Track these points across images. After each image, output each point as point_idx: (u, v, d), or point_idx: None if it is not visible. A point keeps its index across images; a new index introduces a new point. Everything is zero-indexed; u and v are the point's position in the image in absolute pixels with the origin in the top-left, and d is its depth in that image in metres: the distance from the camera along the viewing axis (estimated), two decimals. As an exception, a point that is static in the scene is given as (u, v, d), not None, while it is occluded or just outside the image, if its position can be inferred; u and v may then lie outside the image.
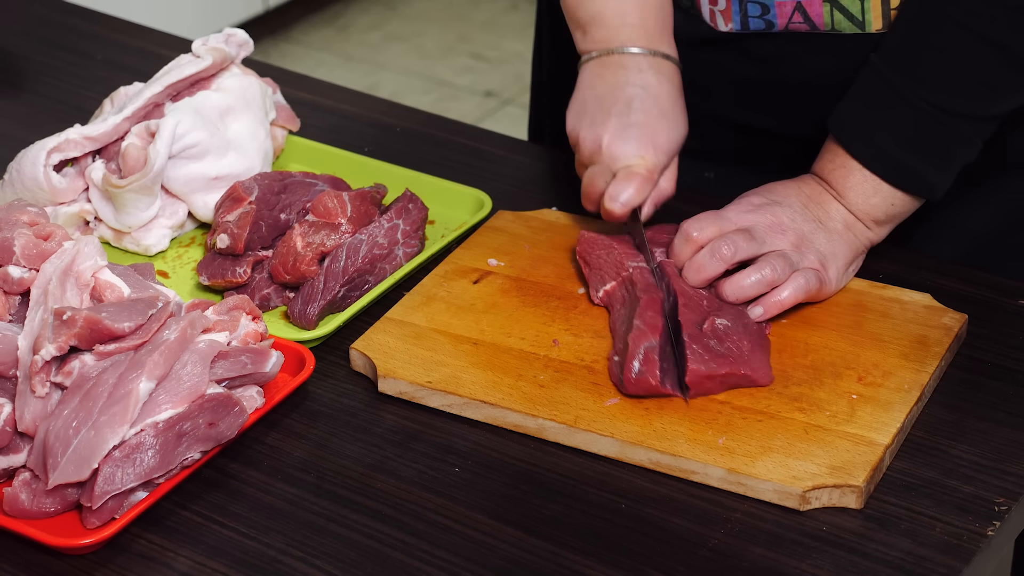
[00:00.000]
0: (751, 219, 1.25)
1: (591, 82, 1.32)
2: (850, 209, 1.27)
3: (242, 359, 1.16)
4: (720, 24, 1.32)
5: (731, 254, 1.23)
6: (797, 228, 1.25)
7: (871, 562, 1.06)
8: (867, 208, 1.27)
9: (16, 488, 1.10)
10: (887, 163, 1.25)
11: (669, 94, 1.31)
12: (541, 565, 1.07)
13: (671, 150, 1.30)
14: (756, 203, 1.27)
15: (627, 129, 1.28)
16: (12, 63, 1.75)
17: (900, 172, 1.25)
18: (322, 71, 3.84)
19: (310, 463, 1.16)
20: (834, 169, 1.27)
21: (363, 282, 1.32)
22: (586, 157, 1.31)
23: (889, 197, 1.26)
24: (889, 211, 1.27)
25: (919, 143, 1.25)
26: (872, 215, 1.27)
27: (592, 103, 1.30)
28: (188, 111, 1.39)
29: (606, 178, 1.29)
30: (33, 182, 1.37)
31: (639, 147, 1.28)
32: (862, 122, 1.26)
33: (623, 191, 1.27)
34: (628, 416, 1.17)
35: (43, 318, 1.13)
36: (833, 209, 1.27)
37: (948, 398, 1.20)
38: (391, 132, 1.58)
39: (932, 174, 1.26)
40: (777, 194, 1.28)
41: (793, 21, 1.30)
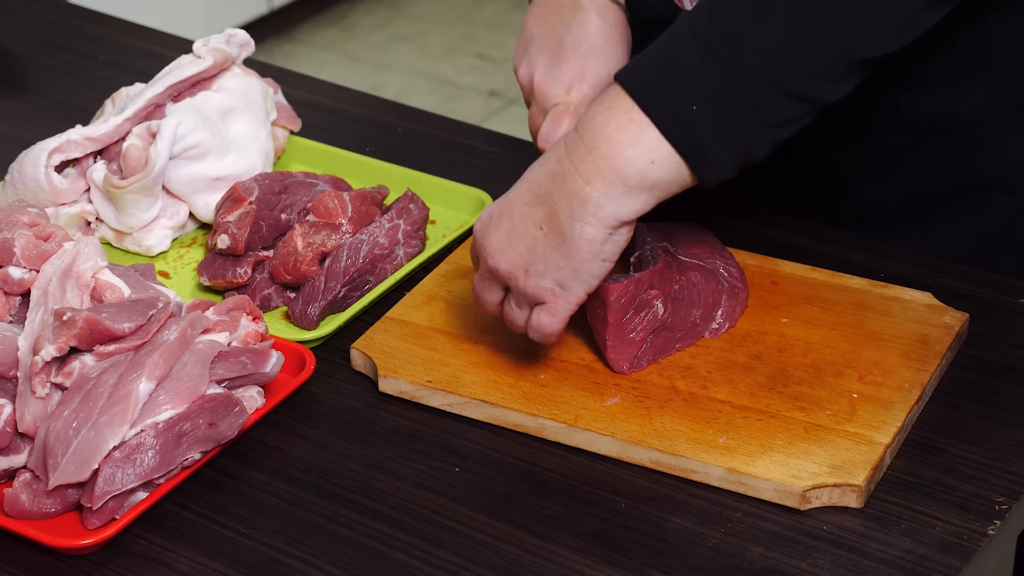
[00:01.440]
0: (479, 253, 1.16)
1: (532, 23, 1.33)
2: (587, 174, 1.09)
3: (242, 359, 1.16)
4: (686, 4, 1.32)
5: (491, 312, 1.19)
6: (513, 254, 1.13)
7: (871, 561, 1.06)
8: (618, 163, 1.08)
9: (16, 489, 1.10)
10: (662, 105, 1.08)
11: (600, 30, 1.29)
12: (541, 565, 1.07)
13: (600, 85, 1.26)
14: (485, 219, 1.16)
15: (556, 67, 1.28)
16: (13, 64, 1.76)
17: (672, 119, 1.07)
18: (326, 71, 3.84)
19: (311, 463, 1.16)
20: (597, 113, 1.10)
21: (364, 282, 1.32)
22: (525, 94, 1.33)
23: (649, 151, 1.08)
24: (646, 171, 1.08)
25: (707, 98, 1.07)
26: (622, 172, 1.08)
27: (531, 43, 1.31)
28: (189, 112, 1.39)
29: (541, 118, 1.30)
30: (34, 183, 1.38)
31: (567, 84, 1.27)
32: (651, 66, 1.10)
33: (554, 131, 1.25)
34: (628, 415, 1.17)
35: (43, 319, 1.13)
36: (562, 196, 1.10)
37: (949, 397, 1.20)
38: (392, 132, 1.58)
39: (710, 140, 1.07)
40: (511, 195, 1.15)
41: None
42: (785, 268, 1.32)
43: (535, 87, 1.29)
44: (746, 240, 1.35)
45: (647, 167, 1.08)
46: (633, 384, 1.20)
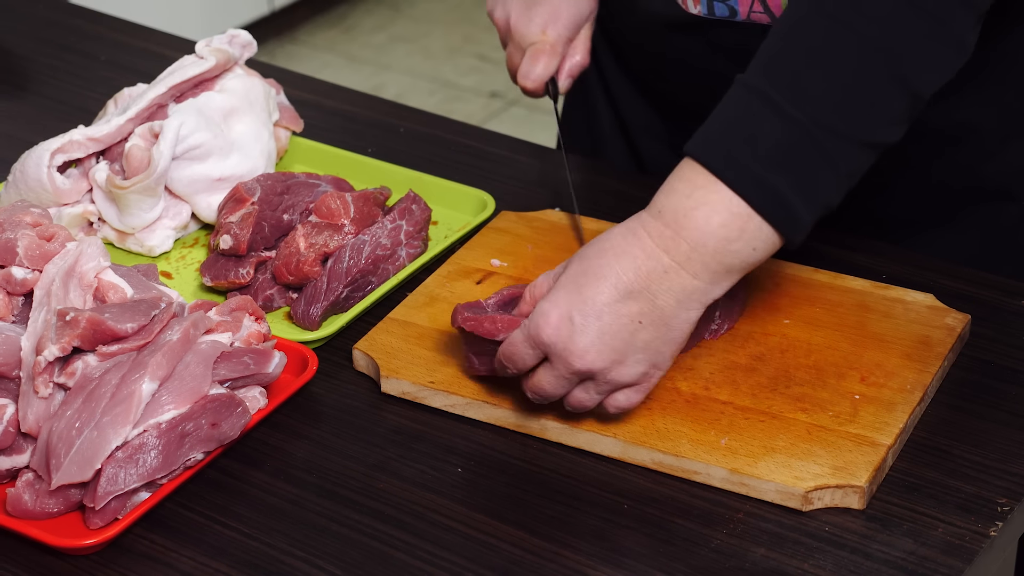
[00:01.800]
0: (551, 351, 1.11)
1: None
2: (695, 273, 1.09)
3: (245, 360, 1.16)
4: (690, 6, 1.33)
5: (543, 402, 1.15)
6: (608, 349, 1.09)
7: (873, 562, 1.06)
8: (723, 256, 1.09)
9: (19, 489, 1.10)
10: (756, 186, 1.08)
11: None
12: (543, 565, 1.07)
13: (575, 24, 1.38)
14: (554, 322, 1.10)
15: (531, 8, 1.36)
16: (16, 64, 1.76)
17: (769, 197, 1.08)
18: (327, 72, 3.84)
19: (313, 463, 1.16)
20: (693, 208, 1.08)
21: (366, 283, 1.32)
22: (502, 36, 1.40)
23: (753, 238, 1.09)
24: (747, 257, 1.09)
25: (789, 162, 1.08)
26: (728, 265, 1.09)
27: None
28: (192, 112, 1.39)
29: (519, 57, 1.38)
30: (37, 183, 1.38)
31: (542, 24, 1.36)
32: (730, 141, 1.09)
33: (532, 68, 1.36)
34: (630, 416, 1.17)
35: (46, 319, 1.13)
36: (664, 291, 1.09)
37: (951, 398, 1.20)
38: (394, 133, 1.58)
39: (799, 205, 1.08)
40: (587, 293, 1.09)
41: (754, 10, 1.30)
42: (787, 269, 1.32)
43: (511, 28, 1.37)
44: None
45: (750, 254, 1.10)
46: (635, 385, 1.20)
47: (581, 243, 1.31)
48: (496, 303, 1.20)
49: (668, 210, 1.10)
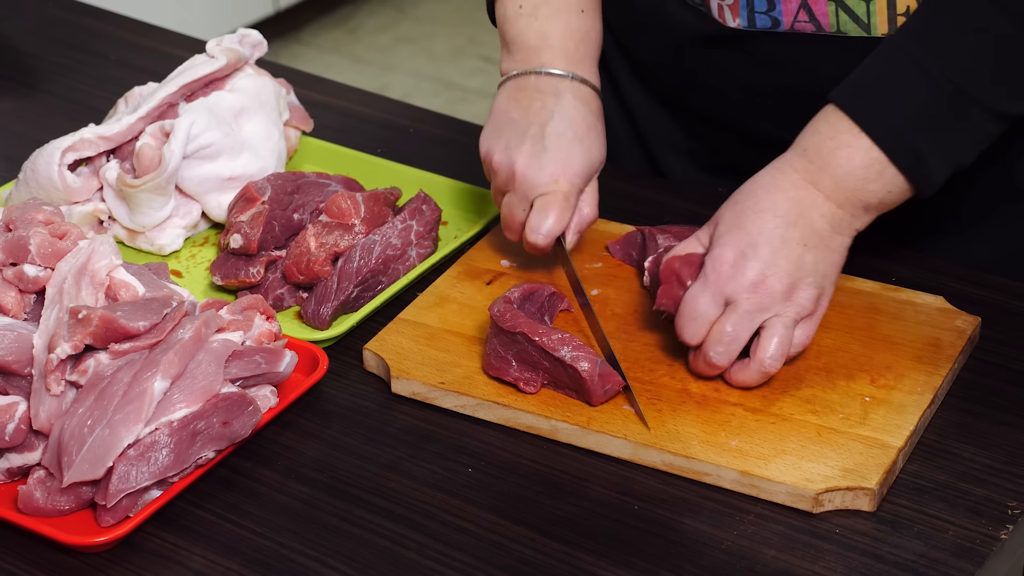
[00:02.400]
0: (732, 288, 1.17)
1: (506, 104, 1.30)
2: (840, 203, 1.19)
3: (256, 359, 1.16)
4: (728, 19, 1.32)
5: (727, 359, 1.18)
6: (783, 272, 1.17)
7: (884, 565, 1.06)
8: (863, 195, 1.19)
9: (31, 486, 1.10)
10: (896, 142, 1.18)
11: (585, 118, 1.29)
12: (553, 566, 1.07)
13: (587, 174, 1.29)
14: (730, 260, 1.17)
15: (541, 155, 1.26)
16: (25, 63, 1.76)
17: (907, 153, 1.18)
18: (332, 73, 3.84)
19: (323, 463, 1.16)
20: (836, 148, 1.18)
21: (376, 283, 1.32)
22: (502, 183, 1.29)
23: (890, 183, 1.19)
24: (884, 198, 1.19)
25: (930, 122, 1.18)
26: (866, 202, 1.19)
27: (507, 126, 1.29)
28: (202, 111, 1.39)
29: (524, 206, 1.27)
30: (48, 181, 1.38)
31: (553, 173, 1.26)
32: (876, 95, 1.19)
33: (543, 222, 1.25)
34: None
35: (58, 316, 1.13)
36: (817, 216, 1.19)
37: (961, 401, 1.20)
38: (404, 133, 1.58)
39: (934, 162, 1.18)
40: (751, 227, 1.18)
41: (798, 20, 1.30)
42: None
43: (518, 175, 1.27)
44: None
45: (886, 195, 1.19)
46: (645, 387, 1.20)
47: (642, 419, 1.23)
48: (521, 295, 1.22)
49: (812, 148, 1.19)
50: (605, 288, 1.32)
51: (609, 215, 1.41)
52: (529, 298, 1.23)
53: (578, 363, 1.16)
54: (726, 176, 1.48)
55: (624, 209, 1.44)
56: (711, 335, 1.18)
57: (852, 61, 1.28)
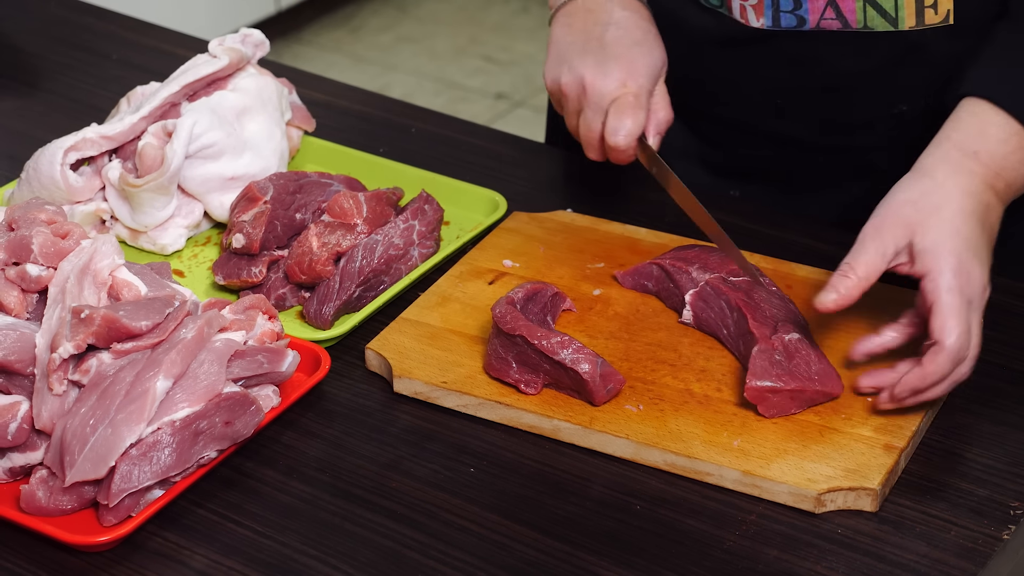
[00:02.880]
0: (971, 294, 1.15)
1: (561, 32, 1.33)
2: (1006, 202, 1.21)
3: (258, 358, 1.16)
4: (752, 19, 1.32)
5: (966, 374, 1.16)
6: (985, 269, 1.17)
7: (886, 565, 1.06)
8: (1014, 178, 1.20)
9: (33, 485, 1.10)
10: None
11: (639, 24, 1.31)
12: (555, 565, 1.07)
13: (652, 75, 1.30)
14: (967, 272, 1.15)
15: (605, 63, 1.29)
16: (28, 62, 1.76)
17: None
18: (333, 72, 3.84)
19: (325, 462, 1.16)
20: (1010, 153, 1.19)
21: (379, 282, 1.32)
22: (573, 102, 1.31)
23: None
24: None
25: None
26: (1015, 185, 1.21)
27: (566, 49, 1.32)
28: (205, 111, 1.39)
29: (599, 118, 1.29)
30: (50, 181, 1.38)
31: (619, 78, 1.28)
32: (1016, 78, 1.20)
33: (621, 124, 1.27)
34: (643, 418, 1.17)
35: (61, 316, 1.13)
36: (996, 218, 1.20)
37: (963, 402, 1.20)
38: (406, 133, 1.58)
39: None
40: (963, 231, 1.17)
41: (825, 17, 1.30)
42: (800, 272, 1.32)
43: (587, 88, 1.28)
44: (760, 244, 1.35)
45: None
46: (648, 386, 1.20)
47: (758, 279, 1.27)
48: (524, 296, 1.22)
49: (984, 152, 1.19)
50: (608, 288, 1.32)
51: (611, 215, 1.41)
52: (532, 298, 1.24)
53: (578, 365, 1.16)
54: (735, 179, 1.48)
55: (624, 209, 1.44)
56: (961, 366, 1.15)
57: (877, 54, 1.28)
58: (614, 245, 1.37)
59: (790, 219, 1.40)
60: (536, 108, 3.72)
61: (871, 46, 1.30)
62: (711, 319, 1.24)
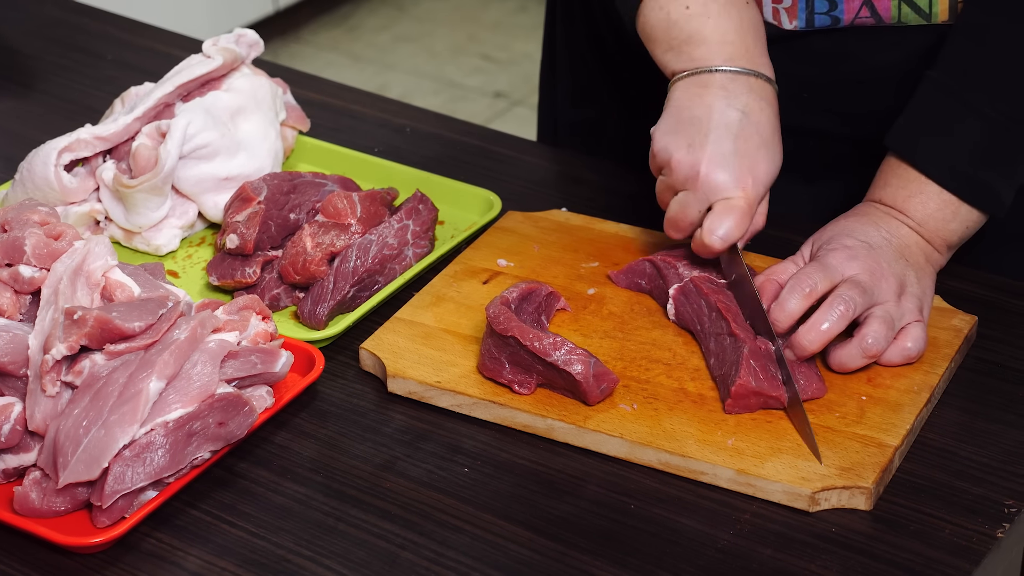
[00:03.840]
0: (856, 267, 1.21)
1: (687, 102, 1.24)
2: (928, 239, 1.26)
3: (252, 359, 1.16)
4: (784, 22, 1.31)
5: (850, 312, 1.19)
6: (896, 273, 1.22)
7: (880, 563, 1.06)
8: (944, 234, 1.26)
9: (26, 487, 1.10)
10: (964, 182, 1.24)
11: (770, 120, 1.25)
12: (550, 565, 1.07)
13: (769, 181, 1.25)
14: (850, 245, 1.23)
15: (728, 158, 1.22)
16: (22, 63, 1.76)
17: (976, 190, 1.24)
18: (331, 71, 3.84)
19: (319, 463, 1.16)
20: (909, 197, 1.25)
21: (373, 282, 1.32)
22: (679, 182, 1.24)
23: (966, 219, 1.25)
24: (964, 234, 1.27)
25: (991, 156, 1.24)
26: (948, 240, 1.26)
27: (688, 124, 1.24)
28: (199, 111, 1.39)
29: (700, 208, 1.23)
30: (44, 181, 1.38)
31: (740, 178, 1.22)
32: (934, 141, 1.25)
33: (722, 225, 1.22)
34: (637, 417, 1.17)
35: (54, 317, 1.13)
36: (914, 244, 1.25)
37: (958, 400, 1.20)
38: (401, 133, 1.58)
39: (1004, 189, 1.25)
40: (860, 234, 1.24)
41: (860, 16, 1.29)
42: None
43: (701, 177, 1.22)
44: (761, 244, 1.35)
45: (964, 232, 1.27)
46: (642, 385, 1.20)
47: None
48: (519, 296, 1.22)
49: (887, 198, 1.27)
50: (602, 287, 1.32)
51: (605, 215, 1.41)
52: (527, 298, 1.24)
53: (571, 366, 1.16)
54: None
55: (618, 209, 1.43)
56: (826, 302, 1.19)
57: (908, 47, 1.27)
58: (608, 244, 1.37)
59: (789, 219, 1.40)
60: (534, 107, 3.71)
61: (902, 39, 1.30)
62: (689, 315, 1.24)
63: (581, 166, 1.52)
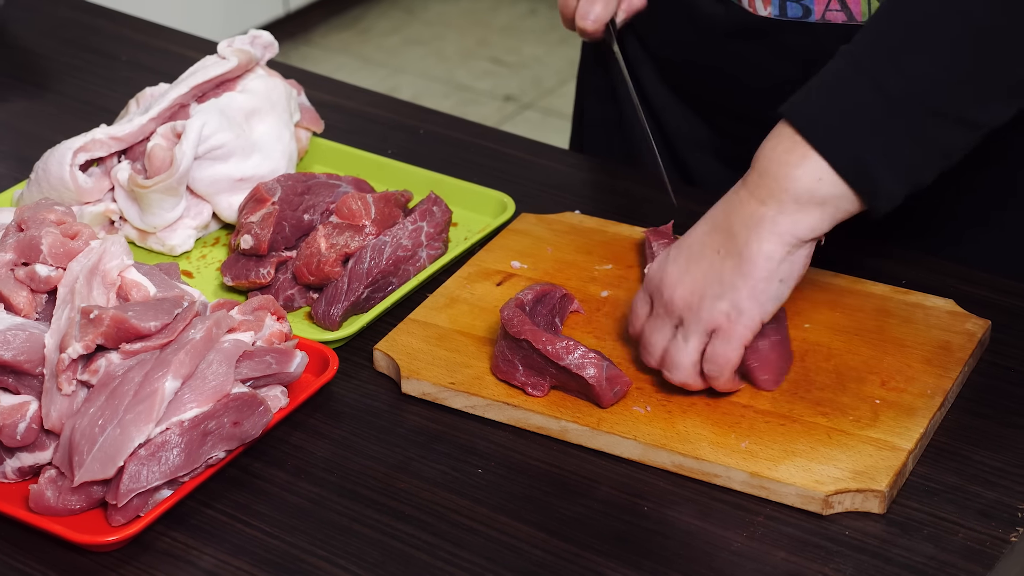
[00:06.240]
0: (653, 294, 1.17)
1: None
2: (761, 196, 1.11)
3: (267, 359, 1.16)
4: (759, 8, 1.33)
5: (651, 362, 1.18)
6: (690, 281, 1.13)
7: (894, 567, 1.06)
8: (786, 181, 1.10)
9: (42, 485, 1.10)
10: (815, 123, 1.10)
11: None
12: (563, 567, 1.07)
13: None
14: (655, 266, 1.18)
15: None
16: (37, 63, 1.76)
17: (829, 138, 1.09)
18: (342, 74, 3.84)
19: (334, 463, 1.17)
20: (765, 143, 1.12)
21: (387, 283, 1.32)
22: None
23: (816, 170, 1.09)
24: (813, 189, 1.10)
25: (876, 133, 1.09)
26: (791, 189, 1.10)
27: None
28: (214, 112, 1.39)
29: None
30: (59, 181, 1.38)
31: None
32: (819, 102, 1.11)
33: (591, 8, 1.37)
34: (651, 419, 1.17)
35: (70, 316, 1.13)
36: (737, 219, 1.12)
37: (971, 404, 1.20)
38: (414, 134, 1.59)
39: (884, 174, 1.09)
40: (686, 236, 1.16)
41: (830, 8, 1.30)
42: (807, 274, 1.32)
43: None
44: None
45: (814, 184, 1.10)
46: (656, 388, 1.20)
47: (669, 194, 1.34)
48: (533, 298, 1.22)
49: (759, 159, 1.13)
50: (616, 290, 1.32)
51: (618, 217, 1.42)
52: (541, 300, 1.24)
53: (584, 370, 1.16)
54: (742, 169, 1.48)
55: (632, 211, 1.44)
56: (641, 337, 1.19)
57: None
58: (622, 247, 1.37)
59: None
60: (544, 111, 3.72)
61: None
62: None
63: (594, 168, 1.52)
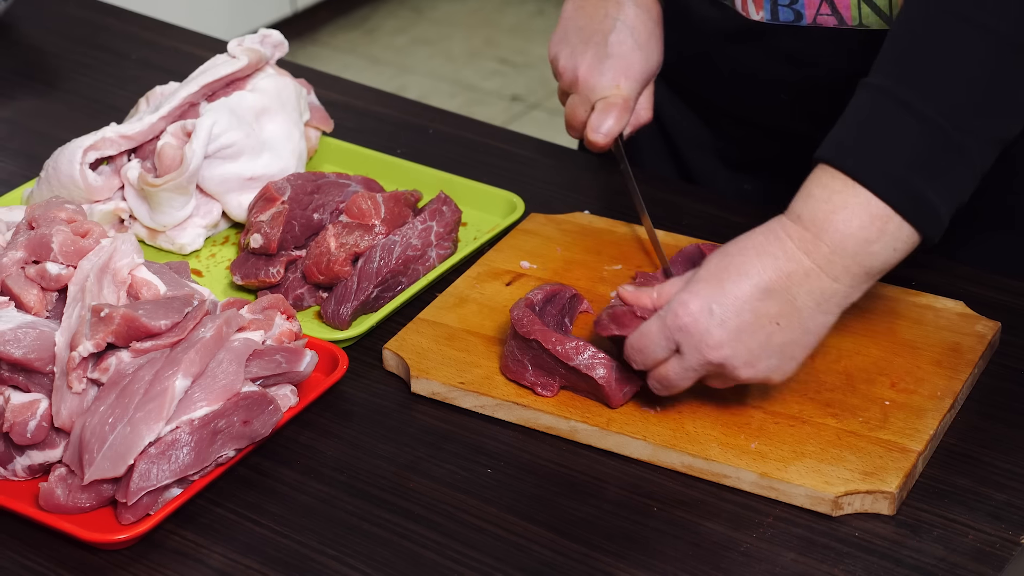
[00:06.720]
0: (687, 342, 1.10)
1: (573, 13, 1.39)
2: (835, 273, 1.09)
3: (277, 358, 1.16)
4: (752, 12, 1.33)
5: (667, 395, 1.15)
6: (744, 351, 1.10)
7: (903, 568, 1.06)
8: (863, 258, 1.09)
9: (52, 483, 1.11)
10: (901, 190, 1.08)
11: (646, 26, 1.37)
12: (572, 567, 1.07)
13: (645, 80, 1.37)
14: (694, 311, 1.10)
15: (603, 62, 1.35)
16: (47, 62, 1.77)
17: (914, 200, 1.08)
18: (349, 74, 3.84)
19: (343, 462, 1.17)
20: (832, 212, 1.09)
21: (396, 283, 1.32)
22: (566, 86, 1.38)
23: (893, 239, 1.09)
24: (889, 259, 1.10)
25: (929, 166, 1.09)
26: (868, 266, 1.10)
27: (573, 34, 1.37)
28: (224, 111, 1.40)
29: (585, 108, 1.36)
30: (69, 180, 1.38)
31: (614, 78, 1.35)
32: (868, 144, 1.10)
33: (603, 122, 1.35)
34: (660, 419, 1.17)
35: (80, 315, 1.14)
36: (804, 292, 1.09)
37: (981, 406, 1.20)
38: (423, 134, 1.59)
39: (940, 204, 1.09)
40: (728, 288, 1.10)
41: (821, 12, 1.30)
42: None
43: (580, 80, 1.36)
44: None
45: (890, 255, 1.10)
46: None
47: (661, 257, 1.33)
48: (543, 298, 1.22)
49: (806, 214, 1.10)
50: (624, 290, 1.32)
51: (628, 218, 1.42)
52: (551, 300, 1.24)
53: (593, 371, 1.16)
54: (751, 172, 1.49)
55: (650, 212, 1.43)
56: (655, 372, 1.13)
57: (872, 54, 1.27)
58: (631, 247, 1.37)
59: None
60: (551, 111, 3.72)
61: (867, 45, 1.30)
62: None
63: (603, 169, 1.52)
